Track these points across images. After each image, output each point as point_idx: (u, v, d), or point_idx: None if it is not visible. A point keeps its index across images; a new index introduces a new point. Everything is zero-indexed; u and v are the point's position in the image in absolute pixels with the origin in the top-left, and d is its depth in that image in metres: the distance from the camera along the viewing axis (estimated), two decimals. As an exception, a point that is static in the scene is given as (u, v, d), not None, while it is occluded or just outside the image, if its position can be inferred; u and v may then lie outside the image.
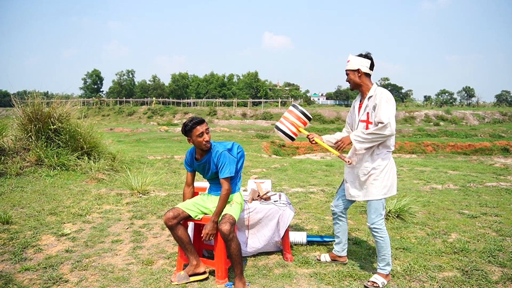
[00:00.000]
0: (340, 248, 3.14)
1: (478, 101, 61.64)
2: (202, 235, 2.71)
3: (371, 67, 2.79)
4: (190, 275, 2.78)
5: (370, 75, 2.83)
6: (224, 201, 2.77)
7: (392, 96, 2.73)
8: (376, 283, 2.67)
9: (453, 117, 31.01)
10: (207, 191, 3.13)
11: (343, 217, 3.12)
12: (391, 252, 3.27)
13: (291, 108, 3.04)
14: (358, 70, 2.78)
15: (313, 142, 2.94)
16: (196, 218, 2.86)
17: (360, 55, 2.81)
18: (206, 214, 2.90)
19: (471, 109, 38.54)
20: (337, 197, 3.14)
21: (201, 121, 2.81)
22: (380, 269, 2.77)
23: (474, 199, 5.39)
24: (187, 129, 2.80)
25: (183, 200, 3.04)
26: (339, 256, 3.15)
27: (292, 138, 3.01)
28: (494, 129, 24.39)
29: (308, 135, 2.93)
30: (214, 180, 3.00)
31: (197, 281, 2.78)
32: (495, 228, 4.00)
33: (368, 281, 2.72)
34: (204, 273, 2.83)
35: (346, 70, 2.85)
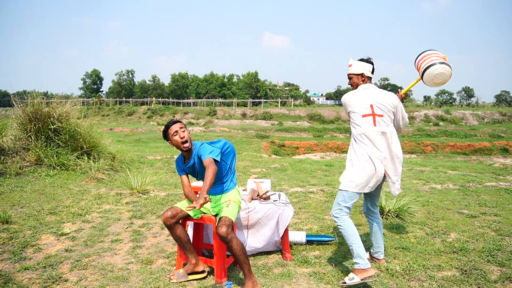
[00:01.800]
0: (373, 250, 3.09)
1: (478, 101, 61.74)
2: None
3: (373, 71, 2.91)
4: (189, 274, 2.79)
5: (371, 79, 2.94)
6: (211, 175, 2.48)
7: (344, 97, 2.87)
8: (344, 281, 2.58)
9: (452, 117, 31.03)
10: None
11: (370, 216, 3.07)
12: (391, 251, 3.29)
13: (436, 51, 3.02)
14: (362, 75, 2.89)
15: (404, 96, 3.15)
16: (195, 217, 2.86)
17: (362, 60, 2.90)
18: (205, 213, 2.90)
19: (470, 109, 38.56)
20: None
21: (175, 121, 2.87)
22: (354, 263, 2.67)
23: (473, 199, 5.39)
24: (164, 131, 2.86)
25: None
26: (375, 258, 3.08)
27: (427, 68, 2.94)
28: (494, 129, 24.40)
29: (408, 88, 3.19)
30: None
31: (196, 279, 2.79)
32: (494, 227, 4.01)
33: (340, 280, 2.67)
34: (203, 272, 2.84)
35: (349, 74, 2.93)
